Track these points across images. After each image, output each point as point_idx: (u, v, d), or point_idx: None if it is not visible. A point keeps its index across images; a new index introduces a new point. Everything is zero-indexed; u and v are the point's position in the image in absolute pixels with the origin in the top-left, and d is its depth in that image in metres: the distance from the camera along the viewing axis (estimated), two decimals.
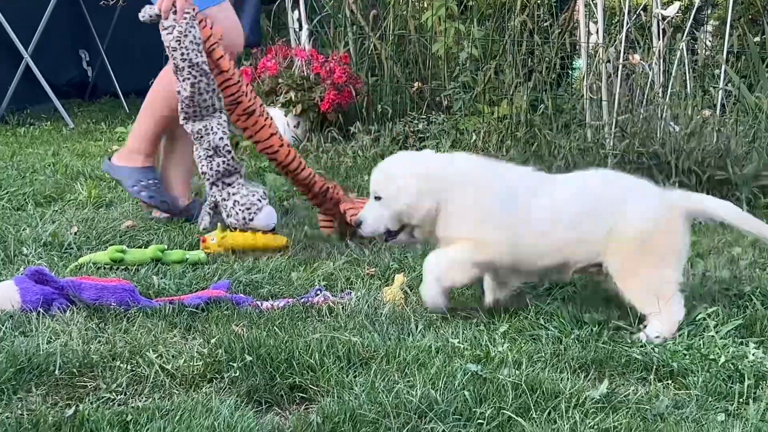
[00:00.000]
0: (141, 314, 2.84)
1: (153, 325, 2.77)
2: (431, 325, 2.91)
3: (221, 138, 3.68)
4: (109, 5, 6.68)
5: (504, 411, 2.30)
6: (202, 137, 3.67)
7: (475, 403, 2.34)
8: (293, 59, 5.93)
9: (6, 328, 2.69)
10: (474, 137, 5.33)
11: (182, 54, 3.60)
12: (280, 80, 5.81)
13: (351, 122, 5.83)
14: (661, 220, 2.86)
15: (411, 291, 3.15)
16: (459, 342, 2.73)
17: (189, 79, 3.61)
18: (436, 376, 2.46)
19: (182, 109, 3.67)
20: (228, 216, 3.72)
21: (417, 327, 2.89)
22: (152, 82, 4.14)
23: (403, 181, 2.95)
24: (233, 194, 3.71)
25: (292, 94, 5.77)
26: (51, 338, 2.65)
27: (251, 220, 3.69)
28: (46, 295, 2.86)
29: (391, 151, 5.51)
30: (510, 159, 5.07)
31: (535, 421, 2.28)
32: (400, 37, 6.28)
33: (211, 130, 3.67)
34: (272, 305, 2.99)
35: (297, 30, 6.13)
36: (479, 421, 2.28)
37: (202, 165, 3.70)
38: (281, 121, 5.81)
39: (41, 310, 2.83)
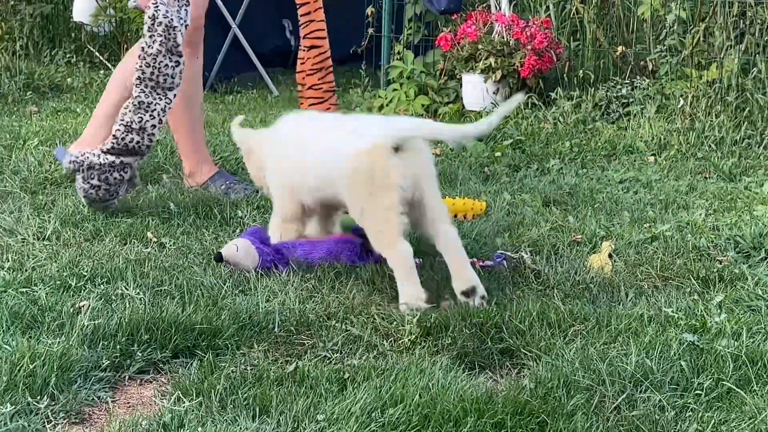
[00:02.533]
0: (352, 277, 2.91)
1: (364, 287, 2.84)
2: (642, 293, 2.86)
3: (154, 126, 3.54)
4: None
5: (723, 382, 2.24)
6: (141, 110, 3.53)
7: (692, 374, 2.28)
8: (493, 25, 5.88)
9: (227, 287, 2.81)
10: (681, 102, 5.16)
11: (165, 12, 3.46)
12: (479, 46, 5.77)
13: (551, 88, 5.73)
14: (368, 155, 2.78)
15: (619, 258, 3.10)
16: (673, 311, 2.67)
17: (161, 37, 3.47)
18: (650, 345, 2.42)
19: (141, 67, 3.51)
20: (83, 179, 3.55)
21: (627, 295, 2.84)
22: (354, 50, 4.17)
23: None
24: (102, 171, 3.53)
25: (491, 60, 5.73)
26: (269, 297, 2.75)
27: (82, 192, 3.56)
28: (266, 255, 2.97)
29: (593, 117, 5.40)
30: (720, 125, 4.90)
31: (757, 394, 2.21)
32: (603, 0, 6.13)
33: (153, 111, 3.53)
34: None
35: None
36: (697, 391, 2.23)
37: (119, 128, 3.54)
38: (480, 87, 5.79)
39: (260, 271, 2.95)
